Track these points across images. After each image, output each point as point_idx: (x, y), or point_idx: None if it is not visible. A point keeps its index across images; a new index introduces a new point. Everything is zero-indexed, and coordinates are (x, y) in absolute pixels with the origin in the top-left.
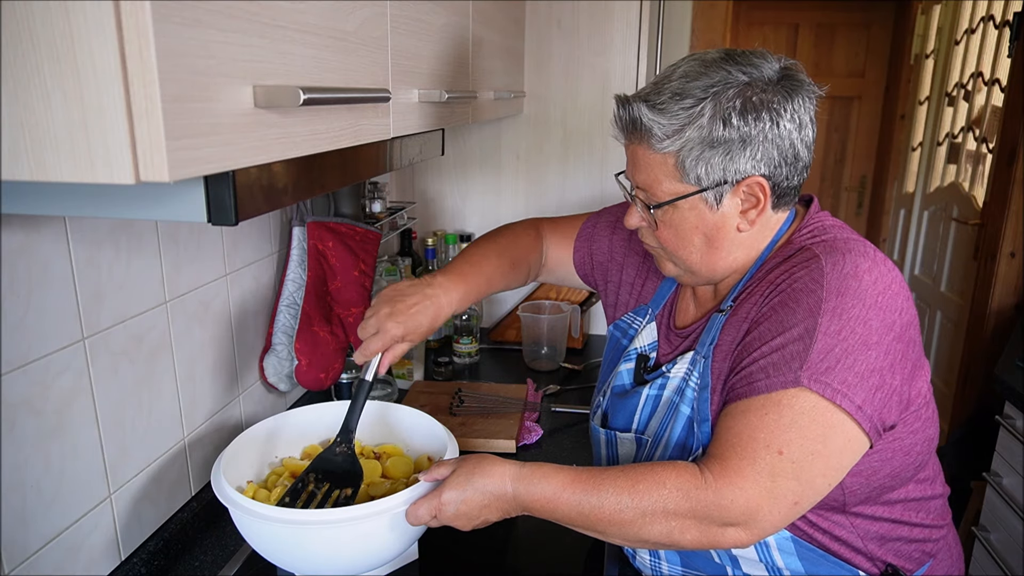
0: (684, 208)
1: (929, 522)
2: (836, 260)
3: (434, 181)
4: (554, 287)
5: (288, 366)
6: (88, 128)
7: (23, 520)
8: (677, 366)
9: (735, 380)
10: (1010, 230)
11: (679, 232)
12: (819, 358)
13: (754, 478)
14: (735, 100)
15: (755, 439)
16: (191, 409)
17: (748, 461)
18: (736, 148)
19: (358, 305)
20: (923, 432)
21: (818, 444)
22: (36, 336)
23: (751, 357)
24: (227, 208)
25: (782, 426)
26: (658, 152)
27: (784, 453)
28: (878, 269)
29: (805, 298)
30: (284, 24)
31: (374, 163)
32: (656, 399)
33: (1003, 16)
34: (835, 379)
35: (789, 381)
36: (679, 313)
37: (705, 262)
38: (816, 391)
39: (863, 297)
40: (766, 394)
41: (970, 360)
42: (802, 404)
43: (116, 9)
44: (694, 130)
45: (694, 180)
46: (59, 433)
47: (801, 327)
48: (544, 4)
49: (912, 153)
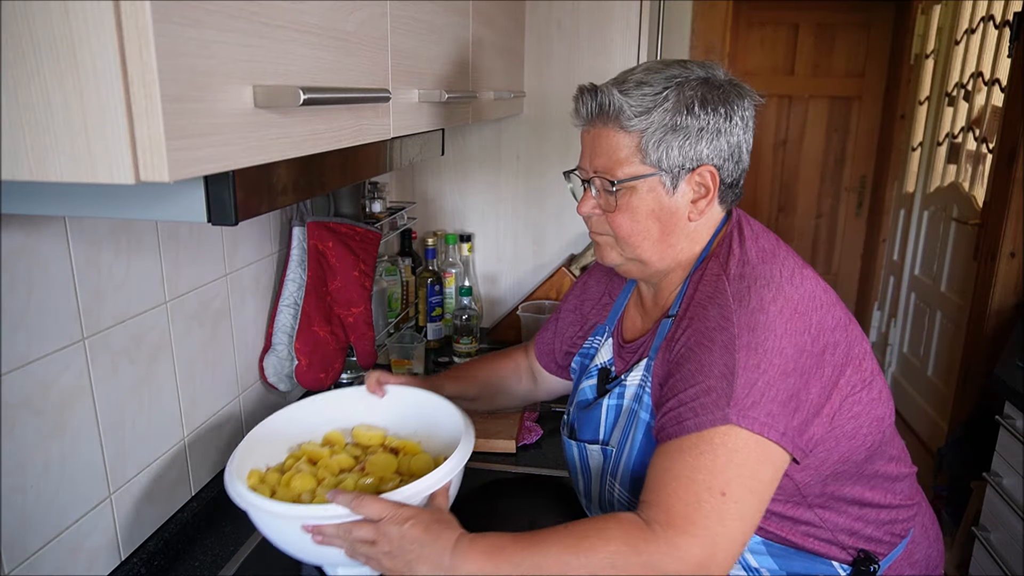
0: (643, 191)
1: (898, 502)
2: (741, 296)
3: (434, 181)
4: (554, 287)
5: (288, 366)
6: (88, 128)
7: (23, 520)
8: (632, 374)
9: (664, 420)
10: (1010, 230)
11: (635, 216)
12: (743, 393)
13: (704, 524)
14: (697, 90)
15: (695, 481)
16: (191, 409)
17: (693, 507)
18: (694, 136)
19: (358, 305)
20: (867, 415)
21: (755, 481)
22: (36, 336)
23: (677, 398)
24: (227, 208)
25: (719, 466)
26: (624, 131)
27: (727, 494)
28: (782, 295)
29: (719, 336)
30: (284, 24)
31: (374, 163)
32: (617, 408)
33: (1003, 16)
34: (761, 412)
35: (718, 419)
36: (626, 329)
37: (656, 250)
38: (745, 427)
39: (772, 328)
40: (697, 432)
41: (970, 360)
42: (734, 441)
43: (116, 9)
44: (659, 113)
45: (654, 162)
46: (59, 433)
47: (721, 364)
48: (544, 4)
49: (912, 153)
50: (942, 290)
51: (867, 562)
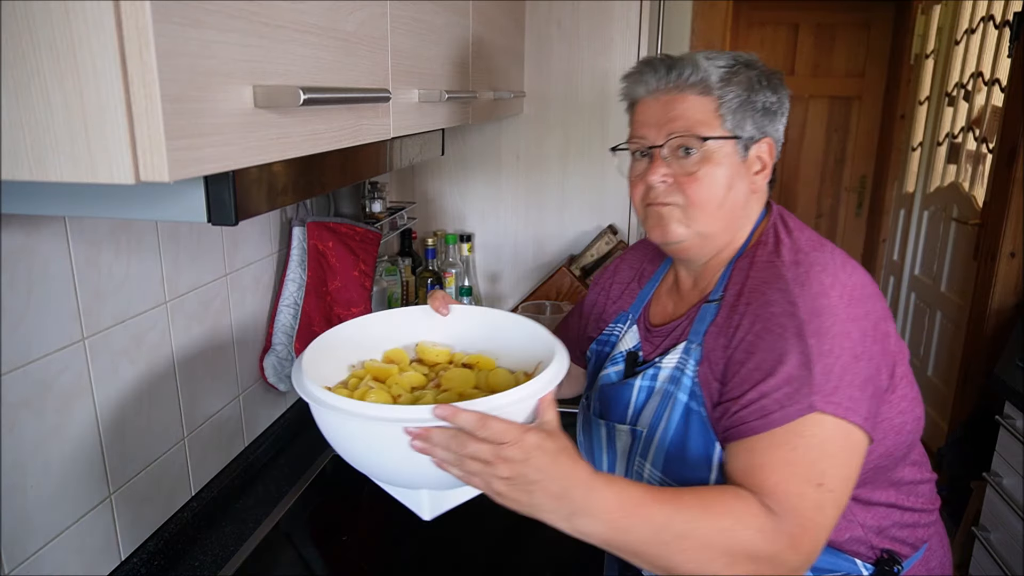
0: (720, 156)
1: (920, 506)
2: (802, 280)
3: (434, 181)
4: (554, 287)
5: (288, 366)
6: (88, 128)
7: (23, 520)
8: (668, 357)
9: (744, 412)
10: (1010, 230)
11: (712, 181)
12: (823, 379)
13: (809, 516)
14: (762, 71)
15: (795, 475)
16: (191, 409)
17: (797, 500)
18: (761, 111)
19: (358, 305)
20: (911, 412)
21: (846, 468)
22: (36, 336)
23: (757, 389)
24: (227, 208)
25: (812, 457)
26: (704, 96)
27: (824, 484)
28: (839, 281)
29: (788, 321)
30: (284, 24)
31: (374, 163)
32: (648, 390)
33: (1003, 16)
34: (843, 397)
35: (804, 408)
36: (653, 314)
37: (722, 222)
38: (830, 412)
39: (836, 313)
40: (784, 425)
41: (970, 360)
42: (823, 430)
43: (116, 9)
44: (736, 84)
45: (730, 129)
46: (59, 433)
47: (796, 351)
48: (544, 4)
49: (912, 153)
50: (942, 290)
51: (891, 562)
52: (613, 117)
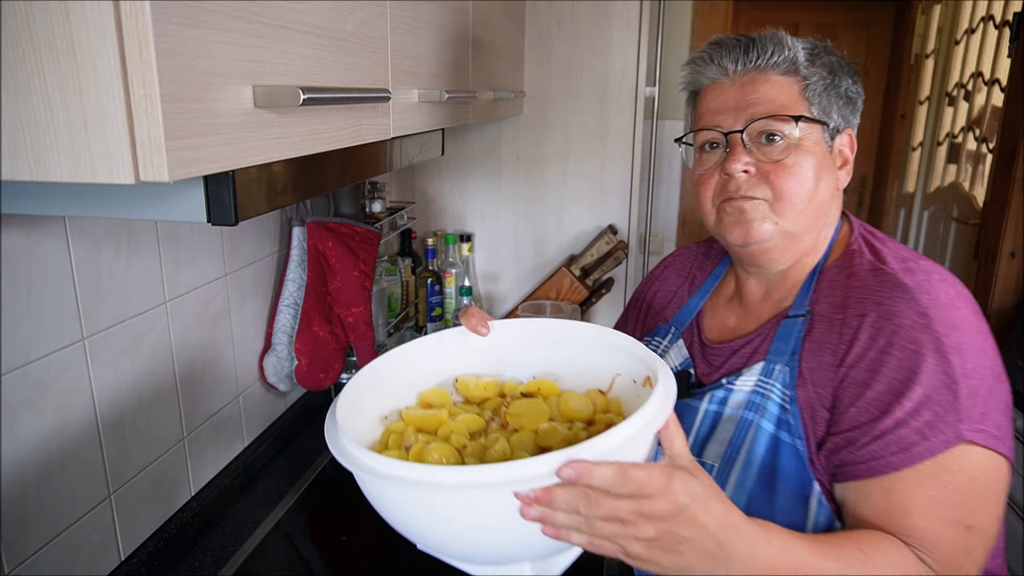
0: (808, 143)
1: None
2: (927, 289)
3: (434, 181)
4: (554, 287)
5: (288, 366)
6: (88, 128)
7: (23, 520)
8: (743, 378)
9: (877, 447)
10: (1010, 230)
11: (801, 170)
12: (969, 404)
13: (961, 565)
14: (844, 59)
15: (943, 519)
16: (191, 408)
17: (948, 547)
18: (843, 97)
19: (358, 305)
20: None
21: (995, 505)
22: (36, 336)
23: (892, 418)
24: (227, 208)
25: (962, 495)
26: (788, 76)
27: (973, 527)
28: (960, 292)
29: (922, 336)
30: (284, 24)
31: (374, 163)
32: (715, 416)
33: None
34: (990, 424)
35: (951, 438)
36: (709, 328)
37: (811, 219)
38: (980, 443)
39: (970, 326)
40: (931, 459)
41: None
42: (972, 464)
43: (116, 9)
44: (821, 67)
45: (817, 114)
46: (59, 433)
47: (936, 371)
48: (544, 4)
49: (912, 153)
50: None
51: None
52: (613, 117)
